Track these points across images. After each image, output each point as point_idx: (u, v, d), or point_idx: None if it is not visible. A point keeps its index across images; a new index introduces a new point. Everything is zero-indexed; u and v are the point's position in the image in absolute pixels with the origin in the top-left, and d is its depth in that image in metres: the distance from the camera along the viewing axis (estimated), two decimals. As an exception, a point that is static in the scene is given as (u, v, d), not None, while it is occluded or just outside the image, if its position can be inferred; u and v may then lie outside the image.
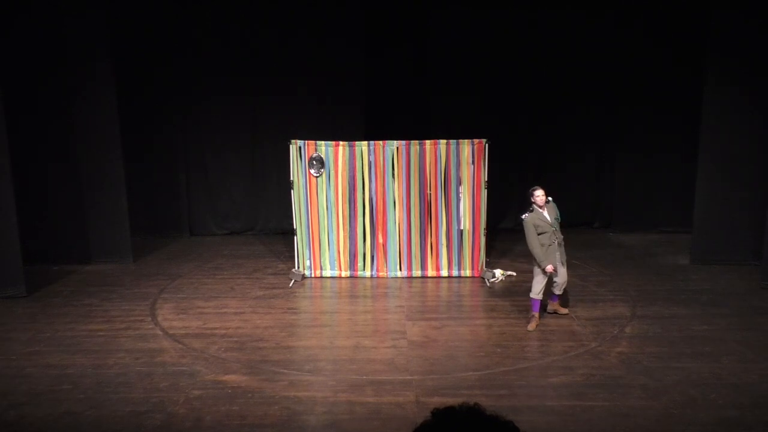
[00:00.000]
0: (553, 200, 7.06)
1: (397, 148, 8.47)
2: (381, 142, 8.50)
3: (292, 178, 8.58)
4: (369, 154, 8.50)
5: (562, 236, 6.98)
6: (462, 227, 8.62)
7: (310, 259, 8.75)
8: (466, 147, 8.41)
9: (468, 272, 8.71)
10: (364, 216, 8.64)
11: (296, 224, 8.69)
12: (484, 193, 8.51)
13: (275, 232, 11.02)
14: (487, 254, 8.93)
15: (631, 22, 10.57)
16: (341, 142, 8.54)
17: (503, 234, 11.05)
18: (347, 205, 8.59)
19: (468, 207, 8.54)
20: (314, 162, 8.50)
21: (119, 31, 9.71)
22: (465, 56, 10.97)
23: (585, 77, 11.09)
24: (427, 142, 8.48)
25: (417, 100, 11.14)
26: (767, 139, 8.69)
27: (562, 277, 6.99)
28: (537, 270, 6.89)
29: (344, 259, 8.74)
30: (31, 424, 4.96)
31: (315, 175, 8.53)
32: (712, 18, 8.73)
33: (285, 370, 5.87)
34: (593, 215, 11.74)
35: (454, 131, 9.38)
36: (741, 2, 8.59)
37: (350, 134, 9.62)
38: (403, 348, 6.36)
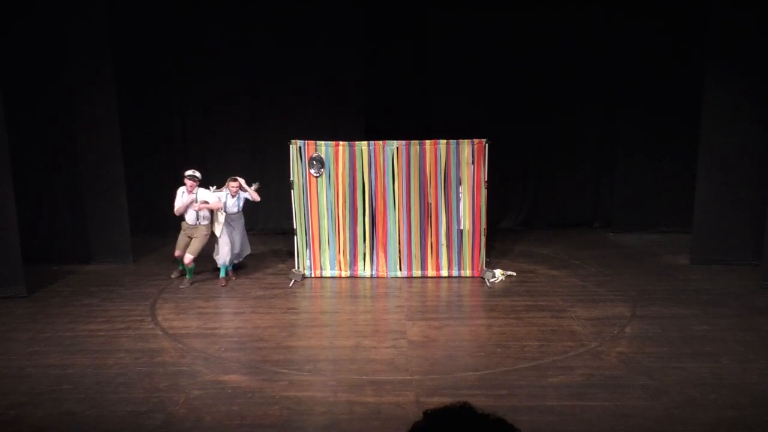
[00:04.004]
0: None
1: (397, 148, 8.47)
2: (381, 142, 8.50)
3: (292, 178, 8.58)
4: (369, 154, 8.51)
5: None
6: (462, 227, 8.62)
7: (310, 259, 8.75)
8: (466, 147, 8.41)
9: (468, 272, 8.71)
10: (364, 216, 8.64)
11: (296, 224, 8.69)
12: (484, 193, 8.50)
13: (275, 232, 11.02)
14: (487, 254, 8.93)
15: (631, 21, 10.56)
16: (341, 142, 8.54)
17: (503, 234, 11.06)
18: (347, 205, 8.59)
19: (468, 207, 8.54)
20: (314, 162, 8.50)
21: (120, 32, 9.71)
22: (465, 56, 10.98)
23: (585, 77, 11.10)
24: (427, 142, 8.48)
25: (417, 100, 11.14)
26: (767, 139, 8.70)
27: None
28: None
29: (344, 259, 8.74)
30: (31, 424, 4.96)
31: (315, 175, 8.53)
32: (711, 18, 8.73)
33: (285, 370, 5.87)
34: (593, 215, 11.75)
35: (454, 131, 9.38)
36: (741, 2, 8.59)
37: (350, 134, 9.62)
38: (403, 348, 6.36)
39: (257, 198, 8.80)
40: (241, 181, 8.70)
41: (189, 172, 8.50)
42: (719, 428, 4.81)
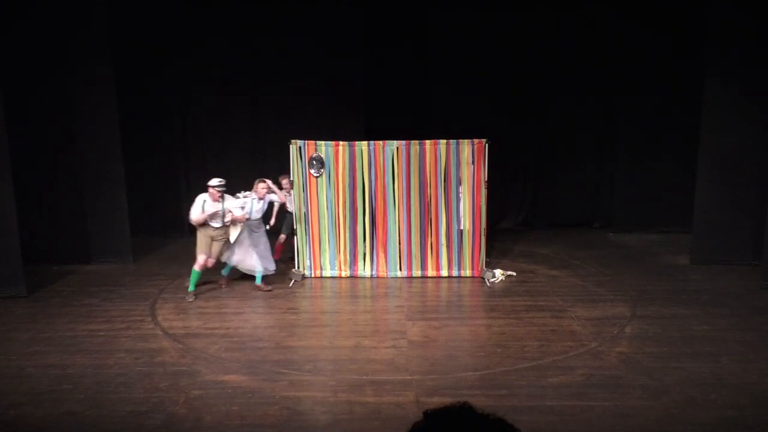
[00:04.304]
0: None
1: (397, 148, 8.47)
2: (381, 142, 8.51)
3: (292, 178, 8.58)
4: (369, 154, 8.50)
5: None
6: (462, 227, 8.62)
7: (310, 259, 8.75)
8: (466, 147, 8.42)
9: (468, 272, 8.71)
10: (364, 216, 8.64)
11: (296, 224, 8.69)
12: (484, 193, 8.50)
13: (275, 232, 11.01)
14: (487, 254, 8.93)
15: (632, 21, 10.57)
16: (341, 142, 8.54)
17: (503, 234, 11.06)
18: (347, 205, 8.59)
19: (468, 207, 8.54)
20: (314, 162, 8.50)
21: (120, 31, 9.72)
22: (465, 56, 10.99)
23: (585, 77, 11.11)
24: (427, 142, 8.48)
25: (417, 100, 11.15)
26: (767, 139, 8.70)
27: None
28: None
29: (344, 259, 8.74)
30: (31, 424, 4.96)
31: (315, 175, 8.53)
32: (711, 18, 8.73)
33: (285, 370, 5.86)
34: (593, 215, 11.76)
35: (454, 131, 9.39)
36: (741, 2, 8.59)
37: (350, 134, 9.62)
38: (403, 348, 6.36)
39: (285, 199, 8.55)
40: (269, 182, 8.34)
41: (216, 182, 7.96)
42: (719, 428, 4.81)
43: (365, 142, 8.57)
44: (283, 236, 9.11)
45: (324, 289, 8.49)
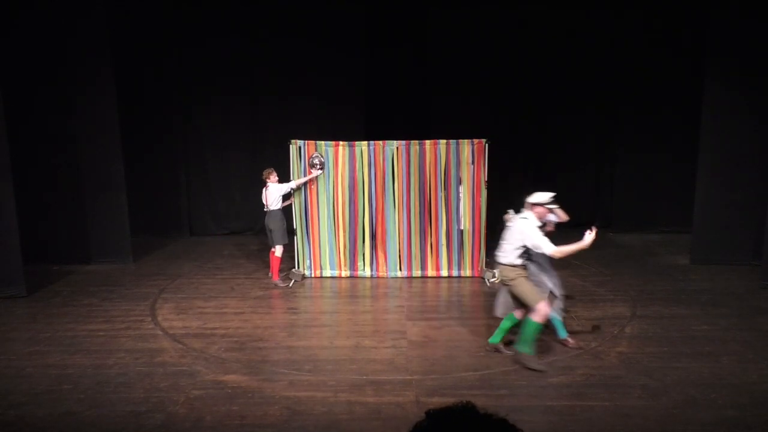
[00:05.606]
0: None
1: (397, 148, 8.48)
2: (381, 142, 8.51)
3: (292, 178, 8.58)
4: (369, 154, 8.50)
5: None
6: (462, 227, 8.62)
7: (310, 259, 8.75)
8: (466, 147, 8.42)
9: (468, 272, 8.71)
10: (364, 216, 8.64)
11: (296, 224, 8.69)
12: (484, 193, 8.51)
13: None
14: (487, 254, 8.91)
15: (632, 22, 10.58)
16: (341, 142, 8.54)
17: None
18: (347, 205, 8.59)
19: (468, 207, 8.54)
20: (315, 162, 8.50)
21: (120, 32, 9.73)
22: (465, 56, 10.99)
23: (585, 77, 11.11)
24: (427, 142, 8.49)
25: (417, 100, 11.15)
26: (767, 139, 8.70)
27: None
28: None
29: (344, 259, 8.74)
30: (31, 424, 4.95)
31: (318, 172, 8.52)
32: (711, 18, 8.73)
33: (285, 370, 5.86)
34: (593, 215, 11.74)
35: (454, 131, 9.38)
36: (741, 2, 8.59)
37: (350, 134, 9.62)
38: (403, 348, 6.36)
39: (566, 217, 6.65)
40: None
41: (548, 198, 6.07)
42: (719, 428, 4.81)
43: (365, 142, 8.57)
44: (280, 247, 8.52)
45: (324, 289, 8.49)
